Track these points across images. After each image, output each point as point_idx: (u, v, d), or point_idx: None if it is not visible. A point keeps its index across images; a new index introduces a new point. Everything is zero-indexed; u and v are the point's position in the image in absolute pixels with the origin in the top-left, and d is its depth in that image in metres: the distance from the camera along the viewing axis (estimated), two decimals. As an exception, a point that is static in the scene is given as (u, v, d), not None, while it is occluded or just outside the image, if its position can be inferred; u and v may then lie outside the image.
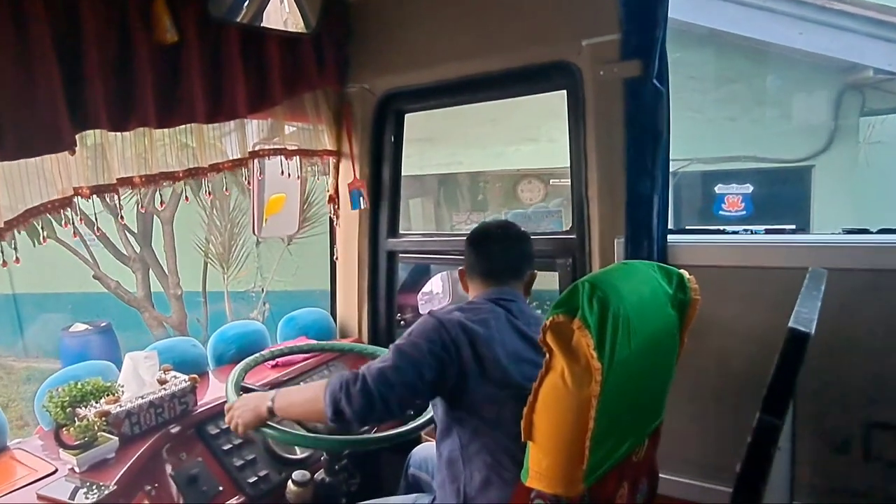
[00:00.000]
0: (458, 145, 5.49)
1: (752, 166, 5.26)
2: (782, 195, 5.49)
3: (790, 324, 0.94)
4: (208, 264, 7.19)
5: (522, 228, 1.78)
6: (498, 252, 1.72)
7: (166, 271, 6.89)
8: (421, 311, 2.88)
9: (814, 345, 0.94)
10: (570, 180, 2.17)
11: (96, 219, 1.72)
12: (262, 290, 7.99)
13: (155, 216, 6.75)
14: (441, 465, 1.62)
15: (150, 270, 6.92)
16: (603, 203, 2.01)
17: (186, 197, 1.88)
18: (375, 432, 1.89)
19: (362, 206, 2.55)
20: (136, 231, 6.87)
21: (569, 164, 2.15)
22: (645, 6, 1.82)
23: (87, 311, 7.62)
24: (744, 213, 5.47)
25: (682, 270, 1.50)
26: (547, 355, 1.24)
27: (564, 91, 2.13)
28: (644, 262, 1.50)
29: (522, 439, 1.29)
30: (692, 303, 1.49)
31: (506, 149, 5.99)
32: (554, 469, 1.26)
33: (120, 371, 1.93)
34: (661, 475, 1.64)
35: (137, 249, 6.90)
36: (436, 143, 5.87)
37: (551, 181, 6.68)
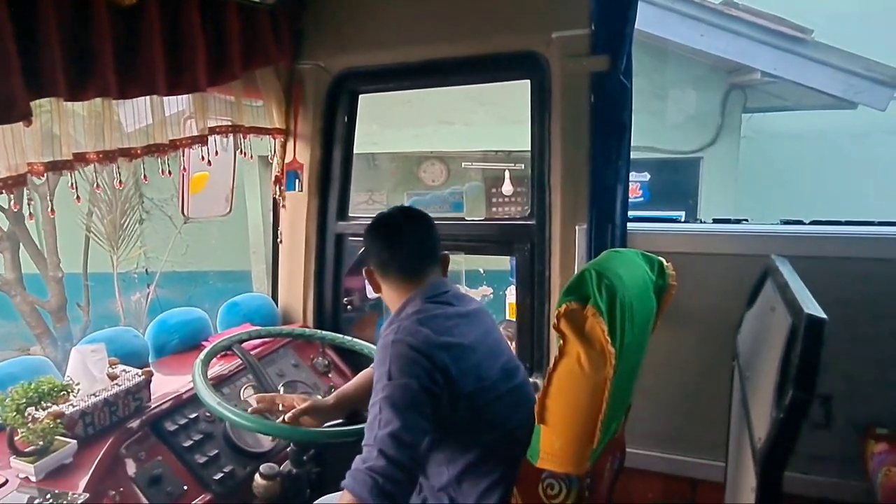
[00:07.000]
0: (373, 125, 5.40)
1: (649, 156, 5.65)
2: (675, 184, 5.97)
3: (807, 311, 1.04)
4: (90, 242, 6.56)
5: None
6: (413, 241, 1.59)
7: (44, 251, 6.19)
8: (368, 295, 2.83)
9: None
10: (530, 168, 2.23)
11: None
12: (146, 270, 7.44)
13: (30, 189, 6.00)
14: (425, 487, 1.55)
15: (24, 249, 6.17)
16: (566, 191, 2.08)
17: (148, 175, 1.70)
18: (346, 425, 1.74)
19: (297, 189, 2.47)
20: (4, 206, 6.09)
21: (530, 153, 2.21)
22: (616, 3, 1.89)
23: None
24: (641, 199, 5.90)
25: (660, 258, 1.61)
26: (561, 341, 1.29)
27: (528, 80, 2.17)
28: (631, 250, 1.59)
29: (536, 422, 1.33)
30: (669, 289, 1.60)
31: (422, 130, 5.97)
32: (567, 449, 1.32)
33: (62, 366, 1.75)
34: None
35: (6, 227, 6.13)
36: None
37: (463, 164, 6.76)
